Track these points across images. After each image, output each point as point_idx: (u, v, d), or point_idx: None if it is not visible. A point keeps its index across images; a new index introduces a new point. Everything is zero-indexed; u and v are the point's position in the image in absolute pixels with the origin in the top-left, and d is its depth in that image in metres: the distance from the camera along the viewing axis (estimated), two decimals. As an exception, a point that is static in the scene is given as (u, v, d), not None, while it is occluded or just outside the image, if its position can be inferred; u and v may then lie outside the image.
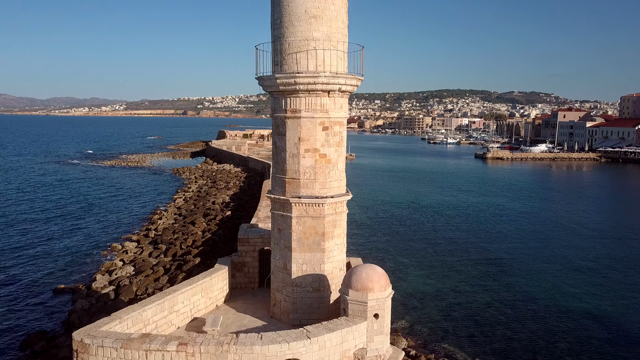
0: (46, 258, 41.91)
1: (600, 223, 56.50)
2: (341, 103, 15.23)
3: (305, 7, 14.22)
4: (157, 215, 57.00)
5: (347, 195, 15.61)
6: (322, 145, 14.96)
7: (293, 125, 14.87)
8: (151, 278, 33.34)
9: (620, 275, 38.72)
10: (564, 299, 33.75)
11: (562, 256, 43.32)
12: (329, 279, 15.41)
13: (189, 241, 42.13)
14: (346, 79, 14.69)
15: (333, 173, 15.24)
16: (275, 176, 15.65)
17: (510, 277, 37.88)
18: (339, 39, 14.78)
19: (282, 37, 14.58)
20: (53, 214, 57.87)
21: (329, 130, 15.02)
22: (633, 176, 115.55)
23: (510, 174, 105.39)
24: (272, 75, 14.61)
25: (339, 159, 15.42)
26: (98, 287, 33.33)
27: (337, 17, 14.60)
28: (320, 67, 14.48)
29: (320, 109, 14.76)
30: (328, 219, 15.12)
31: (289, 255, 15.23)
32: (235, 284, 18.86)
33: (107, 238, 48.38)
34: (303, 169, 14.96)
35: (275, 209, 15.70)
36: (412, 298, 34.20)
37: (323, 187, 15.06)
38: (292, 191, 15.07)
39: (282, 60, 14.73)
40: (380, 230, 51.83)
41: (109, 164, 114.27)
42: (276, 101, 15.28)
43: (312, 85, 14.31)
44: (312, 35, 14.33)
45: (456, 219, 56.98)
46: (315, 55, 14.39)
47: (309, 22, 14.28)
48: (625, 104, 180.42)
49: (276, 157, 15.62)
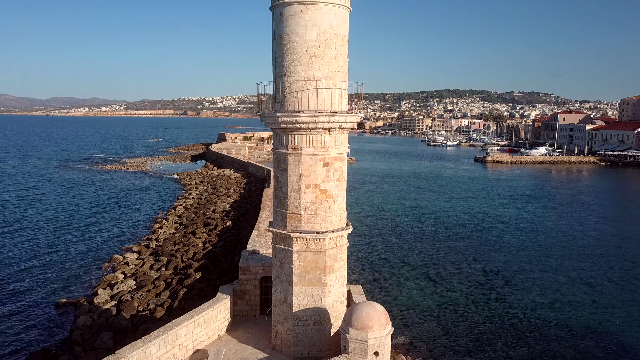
0: (47, 270, 42.12)
1: (602, 232, 56.56)
2: (341, 139, 15.45)
3: (307, 47, 14.44)
4: (157, 223, 57.23)
5: (347, 229, 15.84)
6: (323, 181, 15.19)
7: (294, 161, 15.09)
8: (153, 293, 33.54)
9: (623, 288, 38.83)
10: (565, 313, 33.91)
11: (563, 268, 43.43)
12: (330, 312, 15.64)
13: (189, 253, 42.34)
14: (346, 117, 14.92)
15: (334, 208, 15.46)
16: (277, 210, 15.87)
17: (510, 290, 38.07)
18: (340, 77, 15.01)
19: (284, 75, 14.80)
20: (54, 223, 58.05)
21: (330, 166, 15.24)
22: (633, 181, 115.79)
23: (510, 179, 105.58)
24: (274, 113, 14.83)
25: (340, 193, 15.65)
26: (100, 302, 33.52)
27: (338, 55, 14.82)
28: (321, 106, 14.71)
29: (321, 146, 14.99)
30: (329, 253, 15.36)
31: (290, 289, 15.46)
32: (237, 312, 19.09)
33: (108, 248, 48.61)
34: (304, 204, 15.18)
35: (276, 242, 15.92)
36: (412, 312, 34.43)
37: (324, 222, 15.28)
38: (294, 226, 15.29)
39: (283, 98, 14.95)
40: (379, 240, 52.04)
41: (109, 169, 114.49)
42: (278, 137, 15.51)
43: (313, 124, 14.54)
44: (313, 74, 14.55)
45: (456, 227, 57.17)
46: (316, 94, 14.61)
47: (310, 61, 14.50)
48: (624, 106, 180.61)
49: (278, 191, 15.84)
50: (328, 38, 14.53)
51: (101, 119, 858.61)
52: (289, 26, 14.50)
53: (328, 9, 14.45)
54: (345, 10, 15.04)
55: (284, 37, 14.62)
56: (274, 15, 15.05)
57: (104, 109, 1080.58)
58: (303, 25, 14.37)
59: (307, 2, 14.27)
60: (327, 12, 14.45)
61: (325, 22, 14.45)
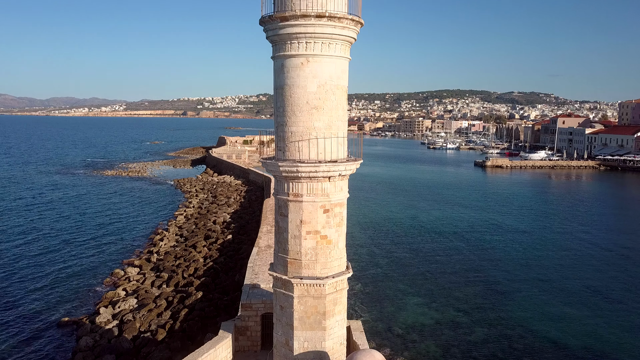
0: (49, 285, 42.38)
1: (602, 245, 56.55)
2: (341, 185, 15.74)
3: (307, 99, 14.72)
4: (158, 235, 57.57)
5: (347, 273, 16.12)
6: (323, 227, 15.47)
7: (295, 208, 15.38)
8: (154, 313, 33.84)
9: (626, 306, 38.85)
10: (565, 332, 34.14)
11: (563, 285, 43.45)
12: (330, 355, 15.93)
13: (190, 269, 42.66)
14: (345, 166, 15.20)
15: (334, 253, 15.75)
16: (278, 254, 16.15)
17: (509, 307, 38.30)
18: (339, 126, 15.29)
19: (285, 125, 15.08)
20: (57, 234, 58.33)
21: (330, 212, 15.52)
22: (633, 187, 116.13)
23: (509, 186, 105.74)
24: (275, 163, 15.12)
25: (340, 238, 15.93)
26: (102, 321, 33.83)
27: (338, 106, 15.09)
28: (321, 155, 14.99)
29: (322, 193, 15.27)
30: (329, 297, 15.64)
31: (290, 332, 15.74)
32: (239, 347, 19.41)
33: (110, 261, 48.95)
34: (305, 250, 15.46)
35: (277, 286, 16.21)
36: (412, 331, 34.75)
37: (324, 268, 15.56)
38: (294, 271, 15.57)
39: (284, 147, 15.23)
40: (379, 252, 52.34)
41: (110, 174, 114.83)
42: (279, 183, 15.80)
43: (314, 173, 14.83)
44: (313, 125, 14.83)
45: (455, 239, 57.37)
46: (317, 144, 14.90)
47: (311, 112, 14.78)
48: (624, 110, 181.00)
49: (278, 236, 16.13)
50: (328, 90, 14.81)
51: (101, 119, 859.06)
52: (290, 78, 14.78)
53: (328, 61, 14.73)
54: (346, 60, 15.33)
55: (285, 88, 14.90)
56: (275, 65, 15.33)
57: (103, 109, 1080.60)
58: (304, 78, 14.66)
59: (307, 55, 14.55)
60: (327, 64, 14.73)
61: (326, 74, 14.73)
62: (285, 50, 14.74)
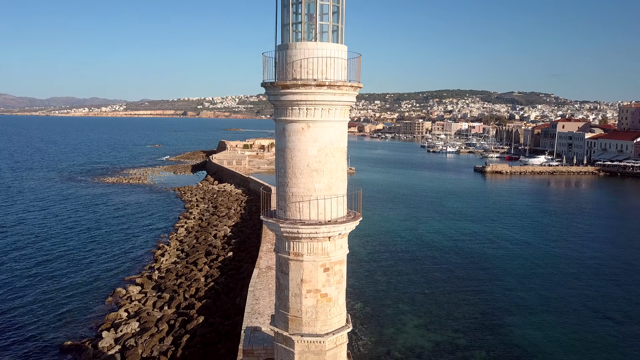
0: (50, 304, 42.57)
1: (603, 259, 56.65)
2: (341, 243, 16.01)
3: (308, 162, 15.00)
4: (160, 249, 57.97)
5: (347, 328, 16.41)
6: (324, 286, 15.75)
7: (295, 267, 15.66)
8: (156, 338, 34.17)
9: (629, 325, 39.02)
10: (568, 353, 34.32)
11: (565, 304, 43.31)
12: (330, 408, 16.24)
13: (192, 289, 43.01)
14: (345, 226, 15.48)
15: (334, 310, 16.03)
16: (279, 310, 16.45)
17: (509, 329, 38.42)
18: (339, 186, 15.57)
19: (286, 185, 15.37)
20: (57, 248, 58.59)
21: (330, 271, 15.81)
22: (632, 195, 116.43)
23: (509, 195, 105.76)
24: (277, 223, 15.40)
25: (339, 295, 16.21)
26: (104, 346, 34.17)
27: (338, 167, 15.38)
28: (321, 215, 15.28)
29: (322, 252, 15.55)
30: (329, 353, 15.94)
31: (291, 387, 16.06)
32: (240, 392, 19.71)
33: (111, 278, 49.24)
34: (305, 308, 15.75)
35: (278, 340, 16.51)
36: (411, 355, 35.02)
37: (324, 325, 15.85)
38: (295, 328, 15.87)
39: (285, 206, 15.53)
40: (379, 268, 52.49)
41: (111, 181, 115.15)
42: (280, 241, 16.08)
43: (314, 234, 15.13)
44: (313, 186, 15.11)
45: (456, 255, 57.42)
46: (317, 205, 15.18)
47: (311, 174, 15.07)
48: (623, 114, 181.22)
49: (279, 292, 16.43)
50: (328, 153, 15.10)
51: (101, 119, 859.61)
52: (291, 141, 15.06)
53: (328, 126, 15.01)
54: (345, 122, 15.63)
55: (287, 150, 15.19)
56: (277, 127, 15.61)
57: (104, 109, 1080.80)
58: (304, 142, 14.94)
59: (308, 121, 14.83)
60: (327, 129, 15.01)
61: (326, 138, 15.02)
62: (287, 115, 15.03)
